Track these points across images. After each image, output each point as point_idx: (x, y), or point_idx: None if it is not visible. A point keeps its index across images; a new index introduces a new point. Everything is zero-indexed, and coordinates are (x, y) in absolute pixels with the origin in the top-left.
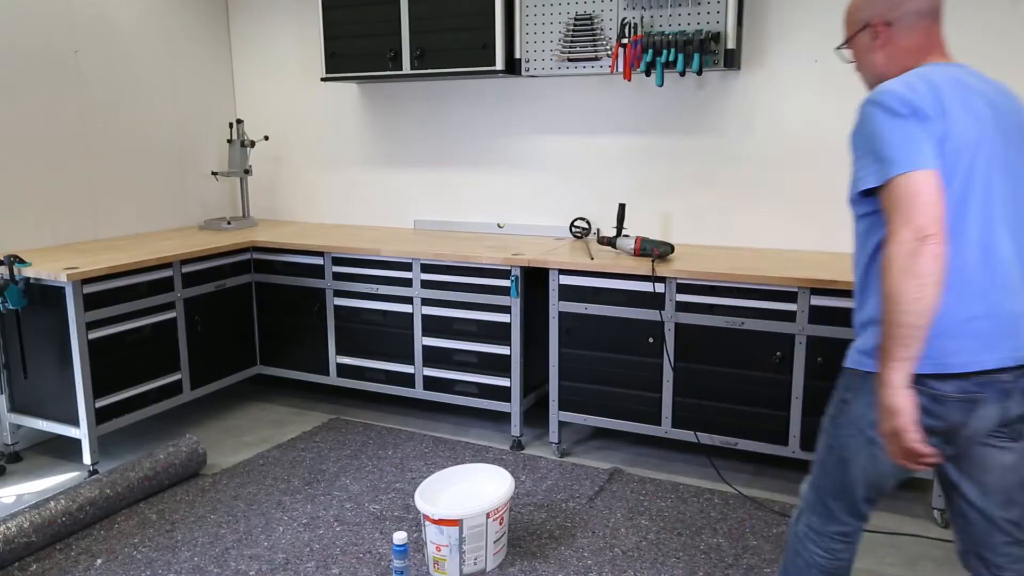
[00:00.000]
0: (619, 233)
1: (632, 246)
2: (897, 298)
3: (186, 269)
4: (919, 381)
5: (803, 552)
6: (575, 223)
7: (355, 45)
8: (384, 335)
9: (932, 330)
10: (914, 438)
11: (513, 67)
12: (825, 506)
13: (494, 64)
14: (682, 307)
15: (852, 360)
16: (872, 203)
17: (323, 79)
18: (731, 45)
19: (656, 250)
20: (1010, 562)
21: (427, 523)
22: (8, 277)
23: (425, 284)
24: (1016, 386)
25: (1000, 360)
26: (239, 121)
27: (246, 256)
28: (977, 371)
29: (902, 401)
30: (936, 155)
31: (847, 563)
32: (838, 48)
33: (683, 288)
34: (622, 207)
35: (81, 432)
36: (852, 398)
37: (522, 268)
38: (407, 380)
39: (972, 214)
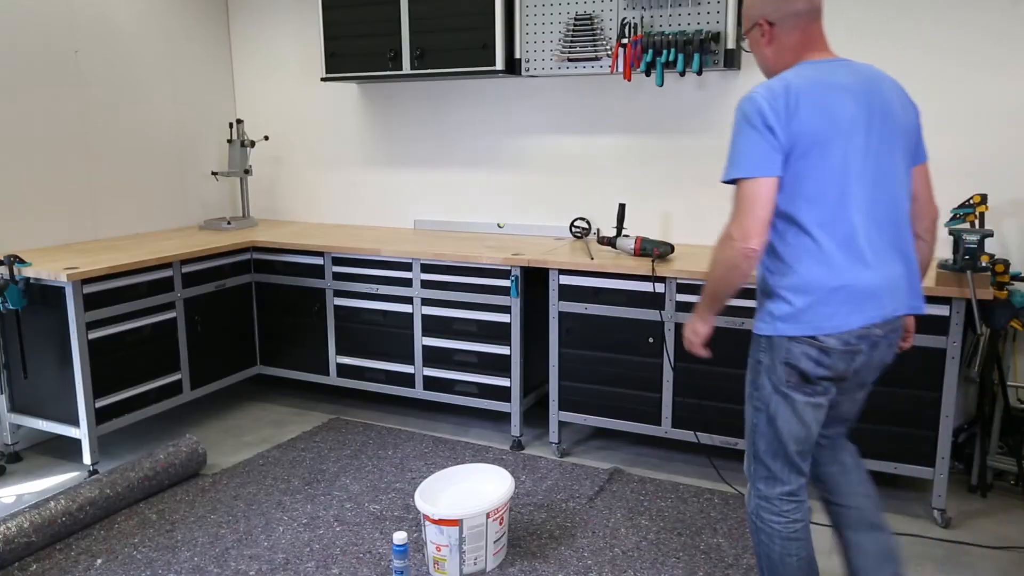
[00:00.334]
0: (619, 233)
1: (632, 246)
2: (714, 272)
3: (186, 269)
4: (811, 341)
5: (763, 527)
6: (575, 223)
7: (355, 45)
8: (384, 335)
9: (811, 300)
10: (700, 348)
11: (513, 67)
12: (768, 470)
13: (494, 64)
14: (682, 307)
15: (766, 327)
16: None
17: (323, 79)
18: (731, 45)
19: (656, 250)
20: (835, 445)
21: (427, 523)
22: (8, 277)
23: (425, 284)
24: (884, 339)
25: (865, 320)
26: (239, 121)
27: (246, 256)
28: (848, 330)
29: (705, 328)
30: (778, 164)
31: (803, 524)
32: (740, 39)
33: (683, 288)
34: (622, 207)
35: (81, 432)
36: (766, 359)
37: (522, 268)
38: (407, 380)
39: (838, 200)
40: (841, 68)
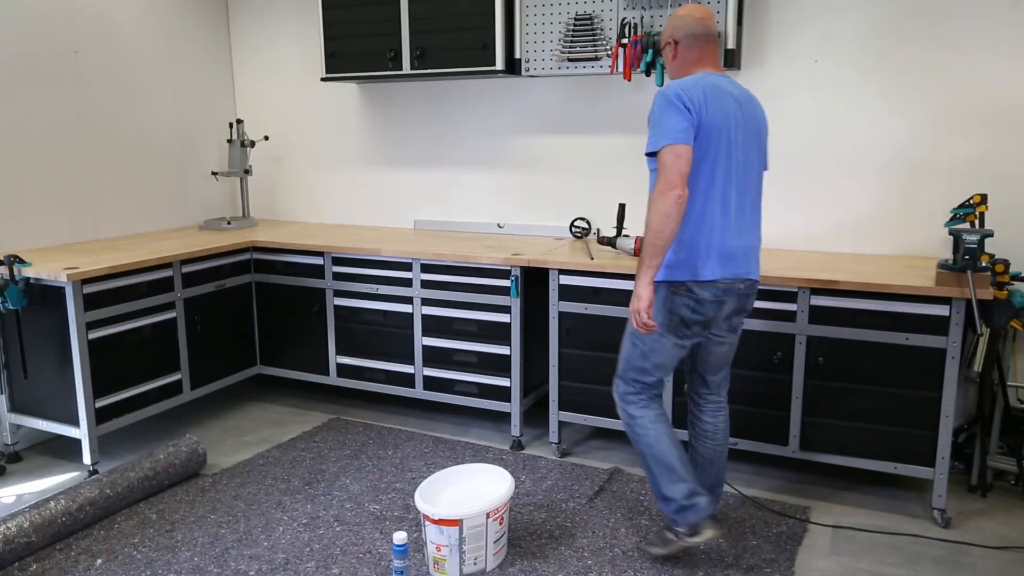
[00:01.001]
0: (619, 233)
1: (632, 246)
2: (651, 226)
3: (186, 269)
4: (687, 289)
5: (635, 423)
6: (575, 223)
7: (355, 45)
8: (384, 335)
9: (690, 255)
10: (647, 314)
11: (513, 67)
12: (634, 382)
13: (494, 64)
14: None
15: (657, 275)
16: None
17: (323, 79)
18: (731, 45)
19: None
20: (707, 403)
21: (427, 523)
22: (8, 277)
23: (425, 284)
24: (746, 292)
25: (730, 274)
26: (239, 121)
27: (246, 256)
28: (716, 280)
29: (647, 292)
30: (692, 136)
31: (660, 411)
32: (657, 55)
33: None
34: (622, 207)
35: (81, 432)
36: (659, 307)
37: (522, 268)
38: (407, 380)
39: (718, 179)
40: (728, 81)
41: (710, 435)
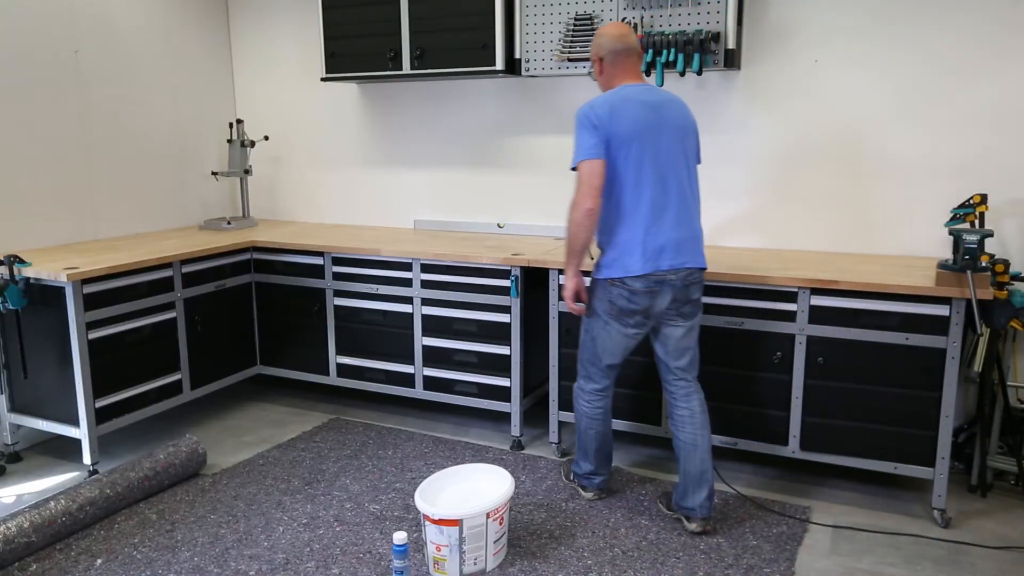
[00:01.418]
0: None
1: None
2: (568, 233)
3: (186, 269)
4: (621, 283)
5: (577, 407)
6: None
7: (355, 45)
8: (384, 335)
9: (620, 251)
10: (571, 300)
11: (513, 67)
12: (587, 372)
13: (494, 64)
14: None
15: (596, 273)
16: None
17: (323, 79)
18: (731, 45)
19: None
20: (677, 389)
21: (427, 523)
22: (8, 277)
23: (425, 284)
24: (678, 283)
25: (663, 266)
26: (239, 121)
27: (246, 256)
28: (648, 273)
29: (571, 283)
30: (602, 150)
31: (603, 411)
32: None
33: None
34: None
35: (81, 432)
36: (594, 297)
37: (522, 268)
38: (407, 380)
39: (640, 182)
40: (645, 89)
41: (687, 420)
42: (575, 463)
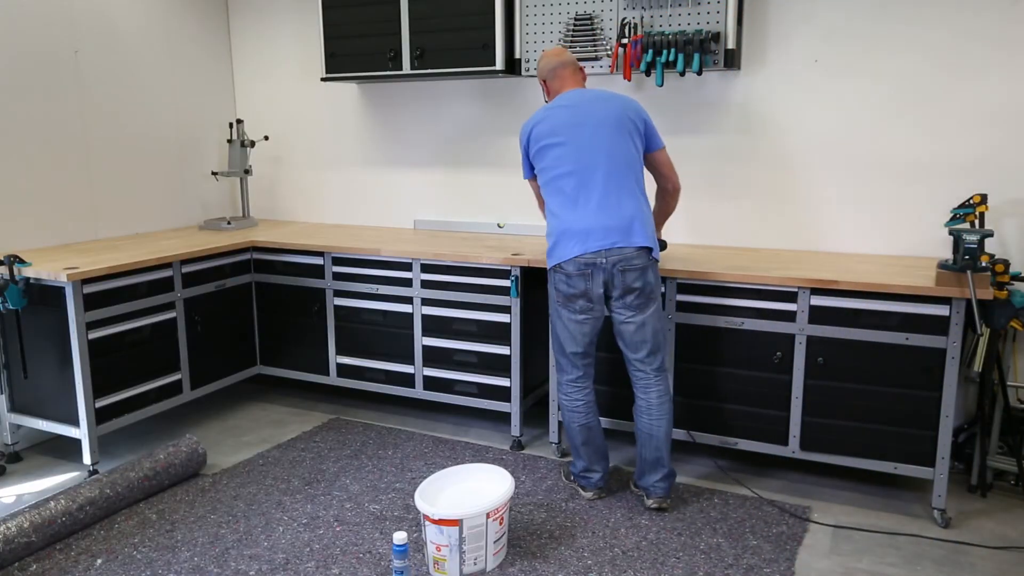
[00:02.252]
0: None
1: None
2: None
3: (186, 269)
4: (560, 268)
5: (559, 402)
6: None
7: (355, 45)
8: (384, 335)
9: (555, 240)
10: None
11: (513, 67)
12: (559, 363)
13: (494, 64)
14: (682, 307)
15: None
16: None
17: (323, 79)
18: (731, 45)
19: None
20: (637, 380)
21: (427, 523)
22: (8, 277)
23: (425, 284)
24: (608, 266)
25: (591, 248)
26: (239, 121)
27: (246, 256)
28: (576, 256)
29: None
30: (530, 170)
31: (582, 403)
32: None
33: (683, 288)
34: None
35: (81, 432)
36: (549, 287)
37: (522, 268)
38: (407, 380)
39: (563, 178)
40: (572, 94)
41: (644, 411)
42: (572, 462)
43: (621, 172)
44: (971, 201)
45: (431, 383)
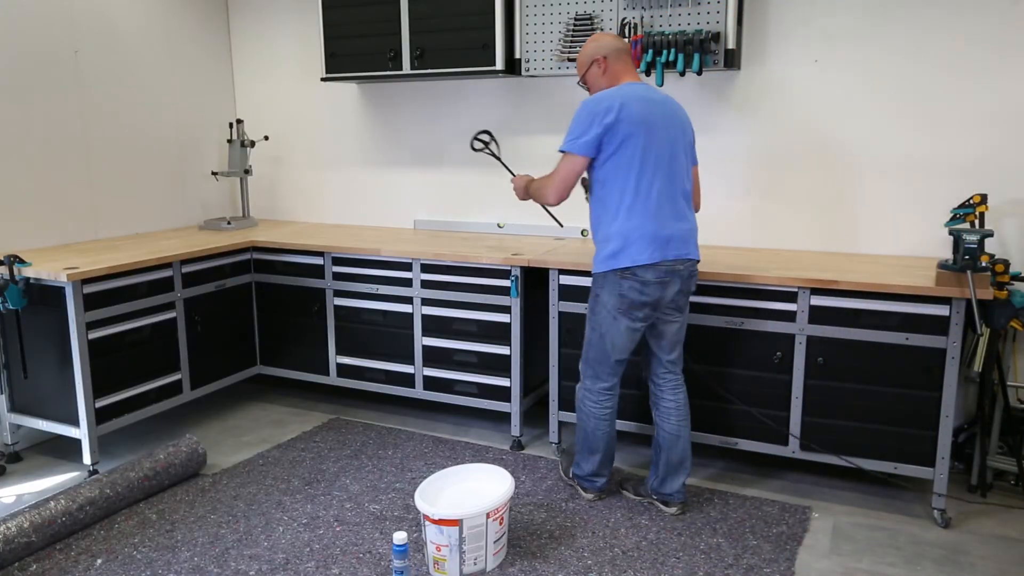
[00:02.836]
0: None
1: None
2: (532, 189)
3: (186, 269)
4: (632, 274)
5: (584, 408)
6: (478, 136)
7: (355, 45)
8: (384, 335)
9: (626, 243)
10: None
11: (513, 67)
12: (595, 371)
13: (494, 64)
14: None
15: (600, 265)
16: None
17: (323, 79)
18: (731, 45)
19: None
20: (666, 382)
21: (427, 523)
22: (8, 277)
23: (425, 284)
24: (685, 273)
25: (671, 256)
26: (239, 121)
27: (246, 256)
28: (657, 262)
29: (520, 182)
30: (593, 148)
31: (611, 411)
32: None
33: None
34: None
35: (81, 432)
36: (602, 292)
37: (522, 268)
38: (407, 380)
39: (643, 174)
40: (647, 88)
41: (673, 412)
42: (575, 464)
43: (686, 181)
44: (971, 201)
45: (431, 383)
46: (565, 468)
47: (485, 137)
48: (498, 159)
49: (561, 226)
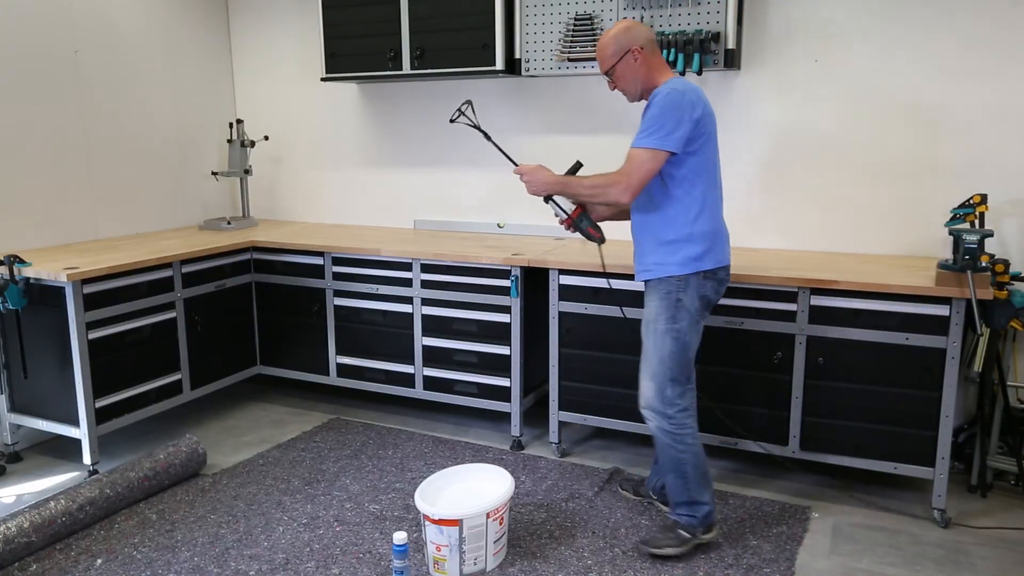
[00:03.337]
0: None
1: (568, 212)
2: (591, 186)
3: (186, 269)
4: (713, 275)
5: (688, 432)
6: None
7: (355, 45)
8: (384, 335)
9: (711, 244)
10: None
11: (513, 67)
12: (678, 383)
13: (494, 64)
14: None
15: (682, 268)
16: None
17: (323, 79)
18: (731, 45)
19: (592, 230)
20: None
21: (427, 523)
22: (8, 277)
23: (425, 284)
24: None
25: (730, 257)
26: (239, 121)
27: (246, 256)
28: (727, 264)
29: (552, 181)
30: (683, 144)
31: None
32: (607, 74)
33: None
34: (577, 165)
35: (81, 432)
36: (684, 296)
37: (522, 268)
38: (407, 380)
39: (714, 174)
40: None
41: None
42: (687, 506)
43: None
44: (971, 201)
45: (431, 383)
46: (680, 536)
47: (464, 107)
48: (481, 131)
49: (603, 241)
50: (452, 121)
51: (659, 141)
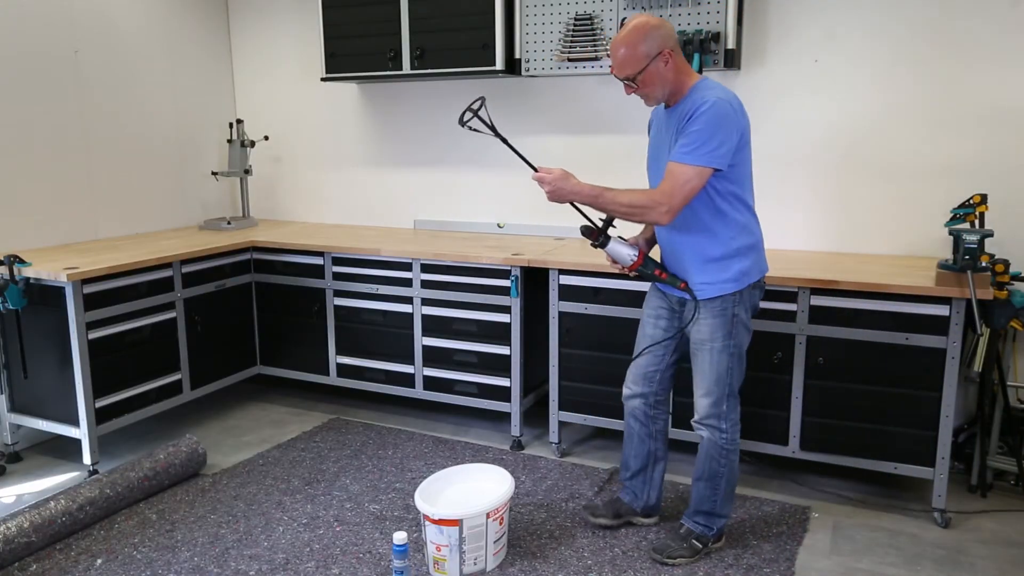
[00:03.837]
0: (606, 229)
1: (631, 257)
2: (627, 204)
3: (186, 269)
4: (760, 284)
5: (732, 445)
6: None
7: (355, 45)
8: (384, 335)
9: (758, 256)
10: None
11: (513, 67)
12: (734, 397)
13: (494, 64)
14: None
15: (734, 285)
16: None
17: (323, 79)
18: (731, 45)
19: (660, 272)
20: (664, 407)
21: (427, 523)
22: (8, 277)
23: (425, 284)
24: None
25: (767, 265)
26: (239, 121)
27: (246, 256)
28: (767, 270)
29: (576, 189)
30: (728, 160)
31: None
32: (631, 79)
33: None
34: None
35: (81, 432)
36: (739, 310)
37: (522, 268)
38: (407, 380)
39: (752, 182)
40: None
41: (664, 434)
42: (709, 517)
43: None
44: (971, 201)
45: (431, 383)
46: (693, 545)
47: (475, 105)
48: (498, 135)
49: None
50: (463, 124)
51: (706, 158)
